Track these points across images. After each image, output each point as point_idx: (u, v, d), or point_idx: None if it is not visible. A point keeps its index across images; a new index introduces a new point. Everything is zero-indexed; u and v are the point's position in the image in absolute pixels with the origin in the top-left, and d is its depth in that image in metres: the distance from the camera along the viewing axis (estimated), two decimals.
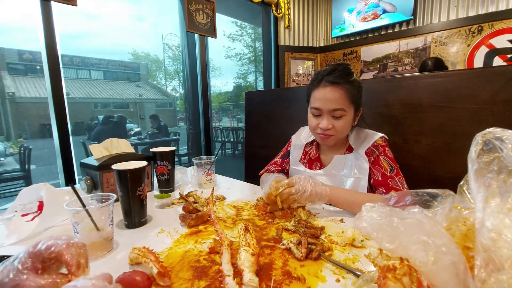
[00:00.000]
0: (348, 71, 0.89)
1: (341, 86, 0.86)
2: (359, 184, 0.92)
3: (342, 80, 0.86)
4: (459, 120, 0.98)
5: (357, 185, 0.92)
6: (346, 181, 0.94)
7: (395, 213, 0.38)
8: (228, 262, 0.50)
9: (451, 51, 2.65)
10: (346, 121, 0.89)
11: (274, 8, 3.19)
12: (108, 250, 0.62)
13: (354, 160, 0.94)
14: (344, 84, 0.86)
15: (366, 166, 0.91)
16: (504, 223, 0.31)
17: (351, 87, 0.87)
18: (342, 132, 0.92)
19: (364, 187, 0.91)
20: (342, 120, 0.88)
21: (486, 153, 0.36)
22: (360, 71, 3.30)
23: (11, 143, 5.90)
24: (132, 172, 0.72)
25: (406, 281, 0.34)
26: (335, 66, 0.90)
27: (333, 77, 0.87)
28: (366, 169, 0.91)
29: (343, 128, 0.90)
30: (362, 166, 0.92)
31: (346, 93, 0.86)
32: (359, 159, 0.93)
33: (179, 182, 1.20)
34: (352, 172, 0.94)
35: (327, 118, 0.89)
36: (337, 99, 0.86)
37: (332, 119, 0.89)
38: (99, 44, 21.53)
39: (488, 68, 0.98)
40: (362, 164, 0.92)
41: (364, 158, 0.92)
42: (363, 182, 0.91)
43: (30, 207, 0.84)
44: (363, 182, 0.91)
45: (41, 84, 9.39)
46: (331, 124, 0.89)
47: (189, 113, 2.80)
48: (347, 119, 0.89)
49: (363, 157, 0.92)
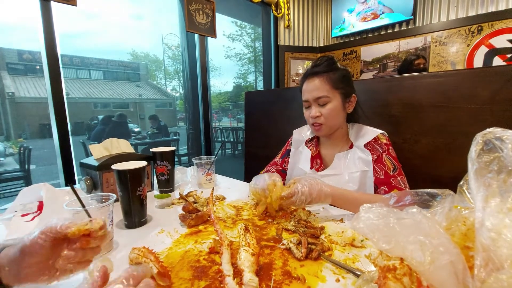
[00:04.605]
0: (329, 61, 0.96)
1: (321, 75, 0.94)
2: (366, 176, 0.93)
3: (322, 69, 0.95)
4: (459, 120, 0.98)
5: (364, 178, 0.93)
6: (353, 177, 0.95)
7: (393, 213, 0.38)
8: (228, 262, 0.50)
9: (451, 51, 2.66)
10: (333, 107, 0.94)
11: (274, 8, 3.19)
12: (108, 250, 0.62)
13: (356, 154, 0.96)
14: (324, 73, 0.94)
15: (369, 158, 0.93)
16: (503, 223, 0.31)
17: (333, 74, 0.94)
18: (331, 118, 0.95)
19: (371, 179, 0.92)
20: (328, 107, 0.94)
21: (486, 153, 0.36)
22: (360, 71, 3.30)
23: (11, 143, 5.90)
24: (132, 172, 0.72)
25: (406, 281, 0.34)
26: (317, 60, 0.99)
27: (315, 69, 0.96)
28: (370, 161, 0.93)
29: (330, 115, 0.95)
30: (365, 159, 0.94)
31: (327, 80, 0.94)
32: (361, 152, 0.95)
33: (179, 182, 1.20)
34: (357, 166, 0.95)
35: (315, 106, 0.96)
36: (318, 87, 0.94)
37: (319, 107, 0.95)
38: (98, 44, 21.54)
39: (488, 68, 0.98)
40: (365, 156, 0.94)
41: (366, 151, 0.94)
42: (369, 174, 0.93)
43: (30, 207, 0.84)
44: (370, 174, 0.92)
45: (40, 84, 9.39)
46: (318, 112, 0.95)
47: (189, 113, 2.80)
48: (333, 105, 0.94)
49: (364, 150, 0.95)
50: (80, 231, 0.41)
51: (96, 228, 0.42)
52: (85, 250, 0.42)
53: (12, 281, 0.40)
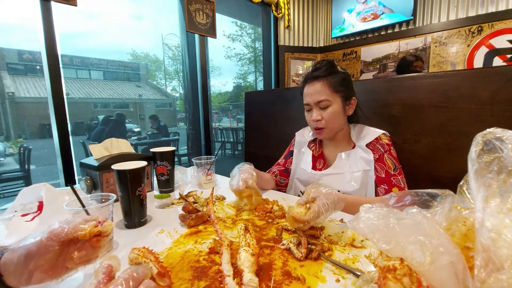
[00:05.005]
0: (330, 65, 0.97)
1: (322, 79, 0.95)
2: (368, 175, 0.94)
3: (322, 73, 0.96)
4: (459, 120, 0.98)
5: (366, 177, 0.94)
6: (354, 176, 0.95)
7: (393, 213, 0.38)
8: (228, 262, 0.50)
9: (451, 51, 2.66)
10: (334, 111, 0.95)
11: (274, 8, 3.19)
12: (108, 250, 0.62)
13: (358, 153, 0.98)
14: (325, 77, 0.95)
15: (371, 157, 0.94)
16: (504, 223, 0.31)
17: (333, 78, 0.95)
18: (332, 122, 0.96)
19: (373, 178, 0.93)
20: (329, 110, 0.96)
21: (486, 153, 0.36)
22: (360, 71, 3.30)
23: (10, 143, 5.90)
24: (132, 172, 0.72)
25: (406, 282, 0.34)
26: (317, 64, 1.00)
27: (315, 73, 0.97)
28: (371, 160, 0.94)
29: (331, 118, 0.96)
30: (367, 158, 0.95)
31: (328, 84, 0.95)
32: (363, 152, 0.97)
33: (179, 182, 1.20)
34: (358, 165, 0.96)
35: (316, 110, 0.98)
36: (319, 91, 0.95)
37: (321, 110, 0.97)
38: (98, 44, 21.54)
39: (488, 68, 0.98)
40: (367, 156, 0.95)
41: (367, 150, 0.96)
42: (371, 174, 0.94)
43: (30, 207, 0.84)
44: (371, 173, 0.94)
45: (41, 84, 9.39)
46: (320, 115, 0.97)
47: (189, 113, 2.80)
48: (334, 108, 0.95)
49: (366, 150, 0.96)
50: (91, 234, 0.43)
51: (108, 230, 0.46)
52: (94, 248, 0.45)
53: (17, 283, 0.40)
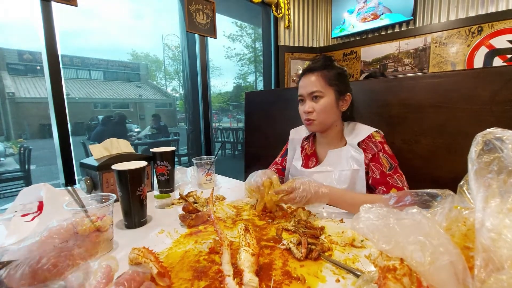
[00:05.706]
0: (326, 59, 0.98)
1: (316, 71, 0.96)
2: (357, 176, 0.92)
3: (318, 66, 0.96)
4: (459, 120, 0.98)
5: (355, 177, 0.92)
6: (343, 175, 0.94)
7: (393, 214, 0.38)
8: (228, 262, 0.50)
9: (451, 52, 2.65)
10: (325, 103, 0.95)
11: (274, 8, 3.19)
12: (108, 250, 0.62)
13: (349, 152, 0.96)
14: (319, 69, 0.96)
15: (361, 157, 0.92)
16: (504, 223, 0.31)
17: (327, 71, 0.95)
18: (323, 114, 0.96)
19: (363, 178, 0.91)
20: (321, 102, 0.95)
21: (486, 153, 0.36)
22: (360, 71, 3.30)
23: (11, 143, 5.90)
24: (132, 172, 0.72)
25: (406, 282, 0.34)
26: (314, 58, 1.00)
27: (311, 66, 0.98)
28: (362, 160, 0.92)
29: (322, 110, 0.95)
30: (357, 158, 0.93)
31: (322, 76, 0.95)
32: (353, 151, 0.95)
33: (179, 182, 1.20)
34: (348, 164, 0.94)
35: (308, 101, 0.97)
36: (312, 82, 0.95)
37: (313, 102, 0.96)
38: (98, 44, 21.52)
39: (488, 68, 0.98)
40: (357, 155, 0.93)
41: (358, 150, 0.94)
42: (361, 173, 0.92)
43: (30, 207, 0.84)
44: (361, 173, 0.92)
45: (41, 84, 9.40)
46: (311, 107, 0.96)
47: (189, 113, 2.80)
48: (326, 101, 0.95)
49: (357, 149, 0.94)
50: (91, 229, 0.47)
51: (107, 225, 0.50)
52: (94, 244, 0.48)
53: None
